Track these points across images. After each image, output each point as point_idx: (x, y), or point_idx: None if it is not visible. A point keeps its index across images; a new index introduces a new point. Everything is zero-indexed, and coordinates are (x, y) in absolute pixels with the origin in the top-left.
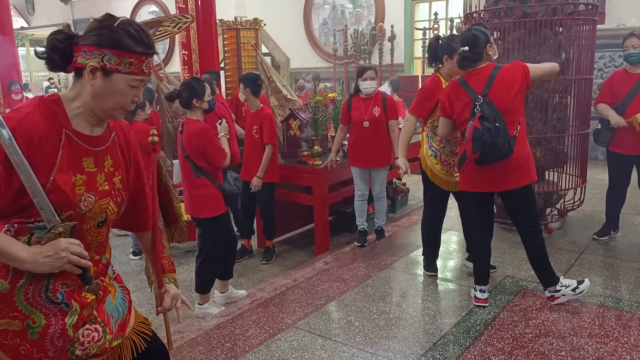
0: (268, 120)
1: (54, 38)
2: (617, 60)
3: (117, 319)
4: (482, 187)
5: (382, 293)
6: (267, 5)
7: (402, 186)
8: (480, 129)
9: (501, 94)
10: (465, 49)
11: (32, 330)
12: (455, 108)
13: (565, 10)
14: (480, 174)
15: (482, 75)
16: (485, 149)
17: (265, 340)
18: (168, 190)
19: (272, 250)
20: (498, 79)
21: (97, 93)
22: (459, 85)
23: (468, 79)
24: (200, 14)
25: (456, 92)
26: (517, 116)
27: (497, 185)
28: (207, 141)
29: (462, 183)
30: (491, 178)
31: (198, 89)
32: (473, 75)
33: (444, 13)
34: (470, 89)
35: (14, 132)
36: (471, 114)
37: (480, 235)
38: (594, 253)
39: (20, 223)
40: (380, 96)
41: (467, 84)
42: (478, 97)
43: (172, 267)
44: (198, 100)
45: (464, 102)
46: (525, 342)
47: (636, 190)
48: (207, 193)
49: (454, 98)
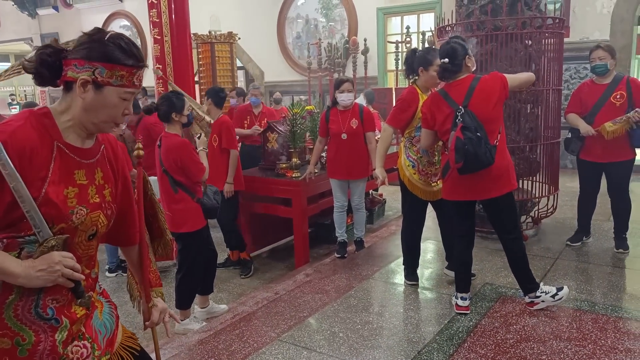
0: (225, 127)
1: (43, 52)
2: (582, 72)
3: (105, 335)
4: (464, 195)
5: (365, 303)
6: (241, 19)
7: (379, 197)
8: (462, 139)
9: (481, 104)
10: (445, 61)
11: (21, 347)
12: (437, 119)
13: (534, 23)
14: (462, 183)
15: (462, 87)
16: (467, 158)
17: (249, 355)
18: (153, 204)
19: (248, 262)
20: (478, 89)
21: (89, 106)
22: (440, 97)
23: (448, 90)
24: (174, 27)
25: (437, 104)
26: (497, 125)
27: (479, 194)
28: (185, 155)
29: (444, 192)
30: (473, 187)
31: (177, 102)
32: (453, 86)
33: (416, 27)
34: (451, 100)
35: (5, 145)
36: (453, 125)
37: (462, 244)
38: (567, 259)
39: (10, 238)
40: (358, 108)
41: (448, 95)
42: (459, 108)
43: (159, 282)
44: (177, 114)
45: (445, 113)
46: (507, 347)
47: (606, 196)
48: (186, 207)
49: (435, 109)
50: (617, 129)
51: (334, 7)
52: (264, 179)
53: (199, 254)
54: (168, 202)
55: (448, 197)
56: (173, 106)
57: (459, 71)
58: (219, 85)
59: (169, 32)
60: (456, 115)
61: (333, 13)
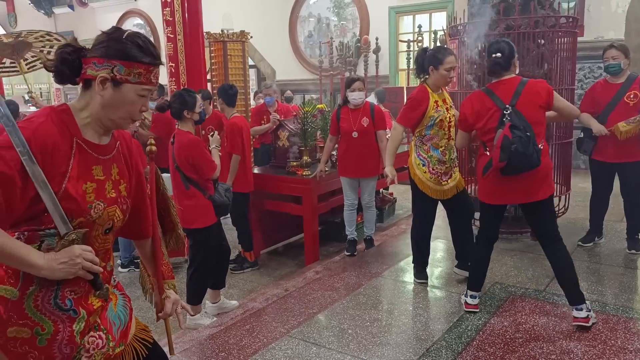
0: (229, 130)
1: (63, 51)
2: (596, 72)
3: (119, 326)
4: (506, 199)
5: (374, 301)
6: (254, 18)
7: (390, 196)
8: (510, 138)
9: (528, 106)
10: (497, 55)
11: (40, 337)
12: (481, 117)
13: (547, 23)
14: (505, 186)
15: (508, 86)
16: (514, 157)
17: (259, 350)
18: (165, 199)
19: (243, 260)
20: (525, 90)
21: (107, 103)
22: (484, 95)
23: (494, 89)
24: (187, 26)
25: (481, 101)
26: (542, 129)
27: (523, 197)
28: (196, 153)
29: (482, 195)
30: (517, 189)
31: (189, 100)
32: (499, 85)
33: (428, 26)
34: (497, 98)
35: (29, 142)
36: (499, 123)
37: (485, 244)
38: (579, 259)
39: (31, 231)
40: (369, 107)
41: (494, 93)
42: (506, 107)
43: (171, 274)
44: (189, 112)
45: (490, 111)
46: (516, 346)
47: (618, 197)
48: (197, 204)
49: (479, 107)
50: (630, 129)
51: (346, 6)
52: (275, 177)
53: (209, 250)
54: (180, 198)
55: (487, 200)
56: (185, 104)
57: (507, 70)
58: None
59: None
60: (503, 114)
61: (345, 12)
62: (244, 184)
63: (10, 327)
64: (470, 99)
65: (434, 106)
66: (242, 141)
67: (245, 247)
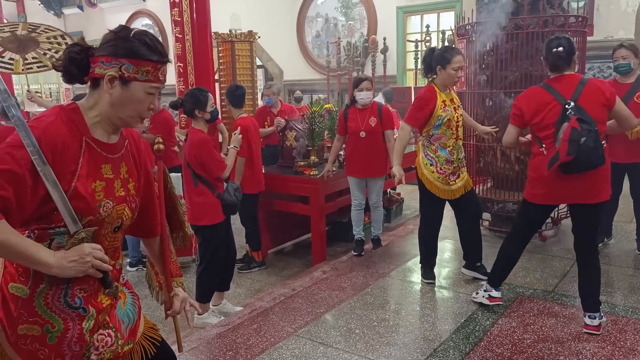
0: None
1: (71, 51)
2: (605, 71)
3: (127, 325)
4: (561, 199)
5: (381, 301)
6: (261, 18)
7: (397, 196)
8: (579, 130)
9: (591, 103)
10: (559, 50)
11: (50, 335)
12: (538, 112)
13: (556, 22)
14: (563, 185)
15: (569, 82)
16: (583, 152)
17: (267, 349)
18: (172, 197)
19: (250, 259)
20: (587, 87)
21: (116, 101)
22: (542, 89)
23: (553, 84)
24: (195, 26)
25: (540, 96)
26: (603, 128)
27: (582, 197)
28: (204, 152)
29: (531, 195)
30: (577, 189)
31: (201, 99)
32: (558, 80)
33: (436, 25)
34: (556, 93)
35: (39, 141)
36: (560, 118)
37: (516, 244)
38: None
39: (41, 229)
40: (377, 106)
41: (553, 88)
42: (568, 102)
43: (180, 272)
44: (200, 111)
45: (549, 106)
46: (524, 347)
47: (628, 197)
48: (206, 201)
49: (537, 102)
50: None
51: (354, 6)
52: (282, 177)
53: (218, 248)
54: (189, 195)
55: (538, 199)
56: (197, 103)
57: (568, 65)
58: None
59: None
60: (565, 109)
61: (353, 12)
62: (252, 184)
63: (21, 325)
64: (527, 95)
65: (441, 106)
66: (248, 142)
67: (253, 247)
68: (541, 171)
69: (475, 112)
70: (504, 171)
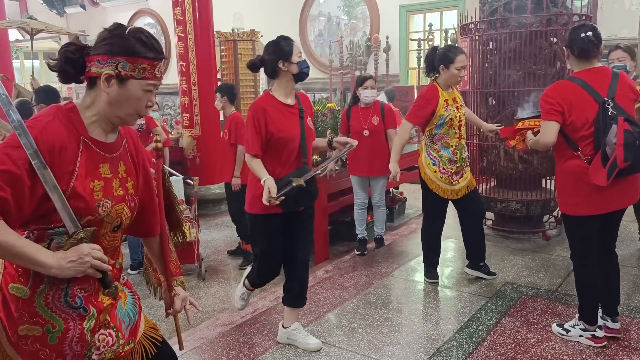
0: (234, 123)
1: (67, 50)
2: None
3: (128, 324)
4: (612, 205)
5: (384, 300)
6: (264, 17)
7: (400, 195)
8: (632, 132)
9: (625, 100)
10: (589, 34)
11: (51, 335)
12: (573, 109)
13: (560, 21)
14: (614, 190)
15: (601, 76)
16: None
17: (269, 348)
18: (169, 195)
19: (247, 254)
20: (620, 83)
21: (113, 100)
22: (574, 84)
23: (585, 78)
24: (198, 25)
25: (573, 91)
26: None
27: (627, 200)
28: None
29: (579, 208)
30: (624, 193)
31: (285, 47)
32: (590, 74)
33: (439, 24)
34: (590, 88)
35: (37, 141)
36: (599, 118)
37: (595, 265)
38: None
39: (40, 230)
40: (379, 105)
41: (585, 82)
42: (605, 100)
43: (180, 271)
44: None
45: (585, 104)
46: (527, 347)
47: None
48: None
49: (573, 97)
50: None
51: (356, 5)
52: None
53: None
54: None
55: (589, 211)
56: (280, 52)
57: (599, 53)
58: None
59: (192, 29)
60: (605, 108)
61: (355, 10)
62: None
63: (22, 326)
64: (559, 88)
65: (443, 105)
66: None
67: (246, 239)
68: (581, 177)
69: (478, 111)
70: (507, 170)
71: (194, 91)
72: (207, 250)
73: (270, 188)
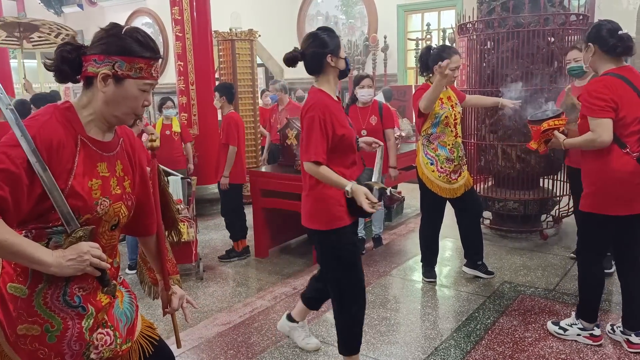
0: (226, 123)
1: (63, 50)
2: None
3: (125, 323)
4: None
5: (382, 299)
6: (262, 17)
7: (398, 195)
8: None
9: None
10: (626, 32)
11: (50, 334)
12: (623, 105)
13: (557, 20)
14: None
15: (634, 73)
16: None
17: (267, 347)
18: (165, 194)
19: (230, 250)
20: None
21: (110, 99)
22: (620, 81)
23: (624, 74)
24: (195, 25)
25: (620, 88)
26: None
27: None
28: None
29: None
30: None
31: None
32: (626, 71)
33: (436, 24)
34: (633, 86)
35: (35, 139)
36: None
37: (601, 263)
38: None
39: (38, 228)
40: (377, 105)
41: (628, 79)
42: None
43: (176, 269)
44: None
45: (632, 99)
46: (525, 345)
47: None
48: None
49: (621, 93)
50: None
51: (354, 4)
52: (283, 175)
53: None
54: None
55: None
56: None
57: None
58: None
59: (190, 29)
60: None
61: (353, 10)
62: (238, 175)
63: (20, 325)
64: (609, 84)
65: (438, 103)
66: (238, 134)
67: (233, 236)
68: (631, 177)
69: (476, 109)
70: (505, 169)
71: (192, 91)
72: (204, 250)
73: (366, 194)
